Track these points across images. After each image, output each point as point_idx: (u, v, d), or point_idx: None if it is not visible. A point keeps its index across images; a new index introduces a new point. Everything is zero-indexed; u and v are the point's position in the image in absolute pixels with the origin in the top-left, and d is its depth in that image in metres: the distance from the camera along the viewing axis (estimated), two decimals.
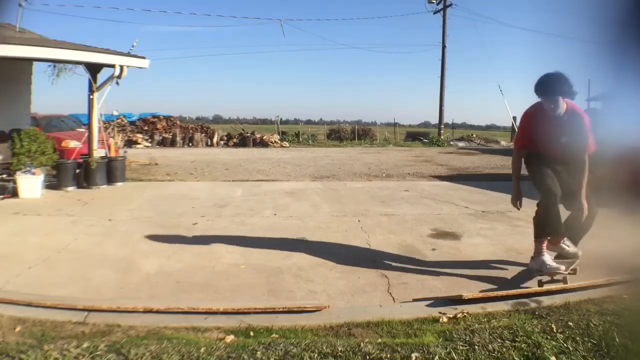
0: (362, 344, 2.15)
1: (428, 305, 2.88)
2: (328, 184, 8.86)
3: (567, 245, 3.39)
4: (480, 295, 2.95)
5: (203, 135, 21.73)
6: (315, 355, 2.03)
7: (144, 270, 3.69)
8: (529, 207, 6.52)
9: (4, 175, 7.43)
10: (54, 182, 7.53)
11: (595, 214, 3.34)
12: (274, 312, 2.75)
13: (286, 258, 4.06)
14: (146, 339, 2.24)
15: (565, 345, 2.11)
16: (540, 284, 3.28)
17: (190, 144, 20.81)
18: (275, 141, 21.46)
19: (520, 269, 3.82)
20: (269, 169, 11.40)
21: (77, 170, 7.65)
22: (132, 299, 3.04)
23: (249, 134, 22.16)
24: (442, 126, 26.07)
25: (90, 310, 2.67)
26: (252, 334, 2.42)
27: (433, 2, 25.55)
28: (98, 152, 8.16)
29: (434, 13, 25.78)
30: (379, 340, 2.28)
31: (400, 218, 5.71)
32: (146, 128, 22.14)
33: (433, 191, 7.77)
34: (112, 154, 8.85)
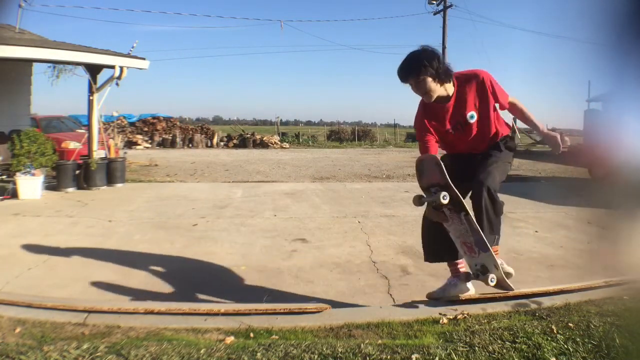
0: (362, 345, 2.14)
1: (428, 306, 2.88)
2: (328, 185, 8.86)
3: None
4: (478, 295, 2.94)
5: (203, 136, 21.76)
6: (316, 356, 2.03)
7: (144, 272, 3.69)
8: (530, 208, 6.53)
9: (4, 177, 7.44)
10: (53, 183, 7.52)
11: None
12: (274, 313, 2.74)
13: (286, 259, 4.06)
14: (146, 340, 2.23)
15: (565, 346, 2.11)
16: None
17: (190, 145, 20.81)
18: (275, 142, 21.48)
19: (520, 269, 3.81)
20: (268, 170, 11.40)
21: (77, 171, 7.65)
22: (132, 300, 3.04)
23: (248, 135, 22.18)
24: None
25: (90, 312, 2.67)
26: (252, 335, 2.41)
27: (433, 3, 25.58)
28: (98, 153, 8.17)
29: (434, 14, 25.82)
30: (379, 341, 2.28)
31: (400, 219, 5.71)
32: (146, 129, 22.16)
33: None
34: (112, 155, 8.85)
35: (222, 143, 21.82)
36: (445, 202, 2.48)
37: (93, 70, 7.96)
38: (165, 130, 22.14)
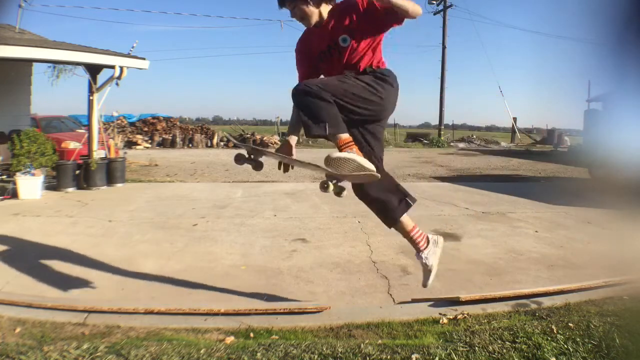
0: (362, 345, 2.14)
1: (428, 306, 2.88)
2: None
3: None
4: (478, 296, 2.95)
5: (203, 136, 21.74)
6: (316, 356, 2.03)
7: (144, 272, 3.69)
8: (530, 208, 6.53)
9: (4, 177, 7.44)
10: (53, 183, 7.52)
11: None
12: (274, 313, 2.75)
13: (286, 259, 4.05)
14: (146, 340, 2.24)
15: (565, 346, 2.11)
16: None
17: (190, 145, 20.80)
18: (275, 142, 21.46)
19: (520, 270, 3.81)
20: (268, 170, 11.39)
21: (77, 171, 7.65)
22: (132, 300, 3.04)
23: (248, 135, 22.15)
24: (442, 127, 26.08)
25: (90, 312, 2.67)
26: (252, 335, 2.41)
27: (433, 3, 25.57)
28: (98, 153, 8.16)
29: (434, 14, 25.81)
30: (379, 341, 2.28)
31: None
32: (146, 129, 22.15)
33: (433, 192, 7.78)
34: (112, 155, 8.85)
35: (222, 143, 21.81)
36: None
37: (93, 70, 7.96)
38: (165, 130, 22.12)
